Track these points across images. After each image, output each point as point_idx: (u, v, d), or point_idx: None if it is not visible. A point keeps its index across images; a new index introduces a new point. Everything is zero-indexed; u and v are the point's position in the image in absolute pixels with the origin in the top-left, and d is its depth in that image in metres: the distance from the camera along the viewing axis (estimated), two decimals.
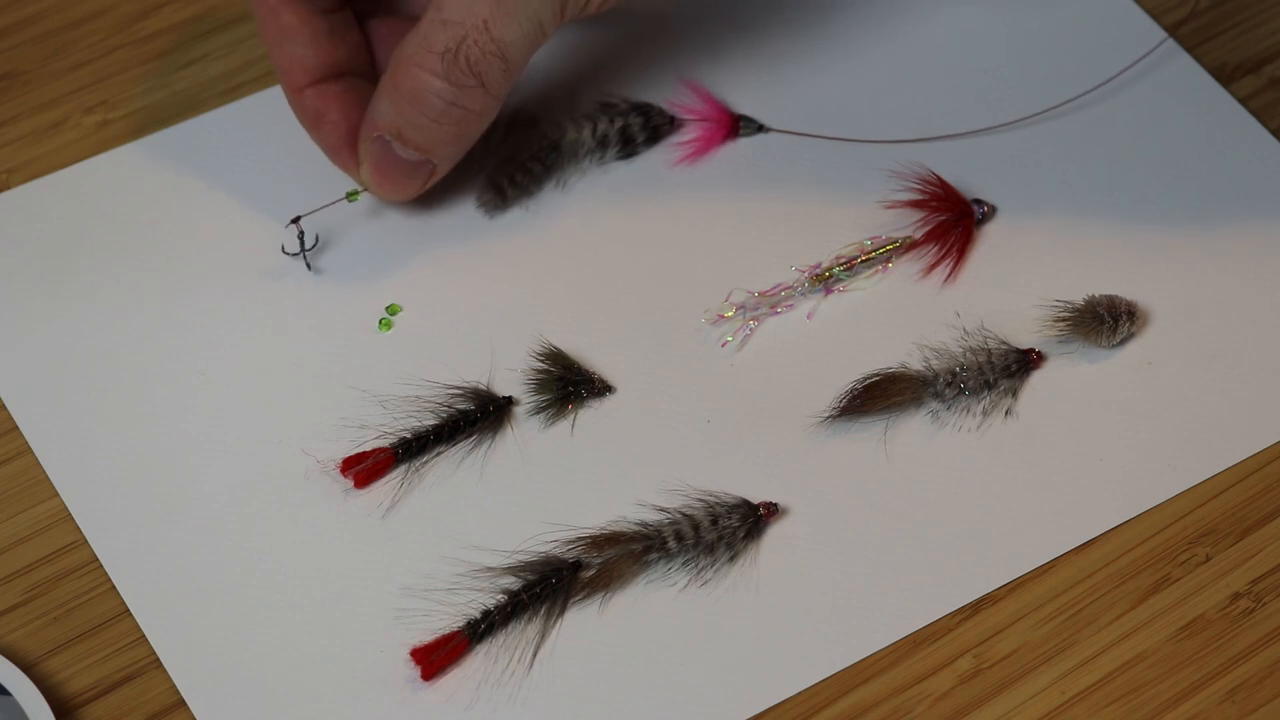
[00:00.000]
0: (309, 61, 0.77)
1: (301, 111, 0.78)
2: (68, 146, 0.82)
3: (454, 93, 0.75)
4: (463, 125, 0.76)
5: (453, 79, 0.75)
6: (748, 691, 0.70)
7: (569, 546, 0.72)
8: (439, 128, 0.76)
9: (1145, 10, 0.86)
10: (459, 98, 0.75)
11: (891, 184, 0.81)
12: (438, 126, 0.76)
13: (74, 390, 0.76)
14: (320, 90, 0.78)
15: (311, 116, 0.78)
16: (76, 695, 0.70)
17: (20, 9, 0.86)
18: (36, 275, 0.79)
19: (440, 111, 0.75)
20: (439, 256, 0.79)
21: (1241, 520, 0.74)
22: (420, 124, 0.76)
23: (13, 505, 0.74)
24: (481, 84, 0.75)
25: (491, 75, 0.75)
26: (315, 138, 0.79)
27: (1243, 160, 0.82)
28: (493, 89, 0.75)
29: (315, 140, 0.79)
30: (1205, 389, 0.76)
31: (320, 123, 0.78)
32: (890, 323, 0.78)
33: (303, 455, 0.74)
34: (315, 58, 0.77)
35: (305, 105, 0.78)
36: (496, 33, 0.74)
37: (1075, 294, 0.77)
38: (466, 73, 0.75)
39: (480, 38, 0.74)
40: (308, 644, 0.70)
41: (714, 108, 0.82)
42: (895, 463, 0.74)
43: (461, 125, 0.76)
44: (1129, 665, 0.71)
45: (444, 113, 0.75)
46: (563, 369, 0.76)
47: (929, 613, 0.71)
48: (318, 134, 0.79)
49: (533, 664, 0.70)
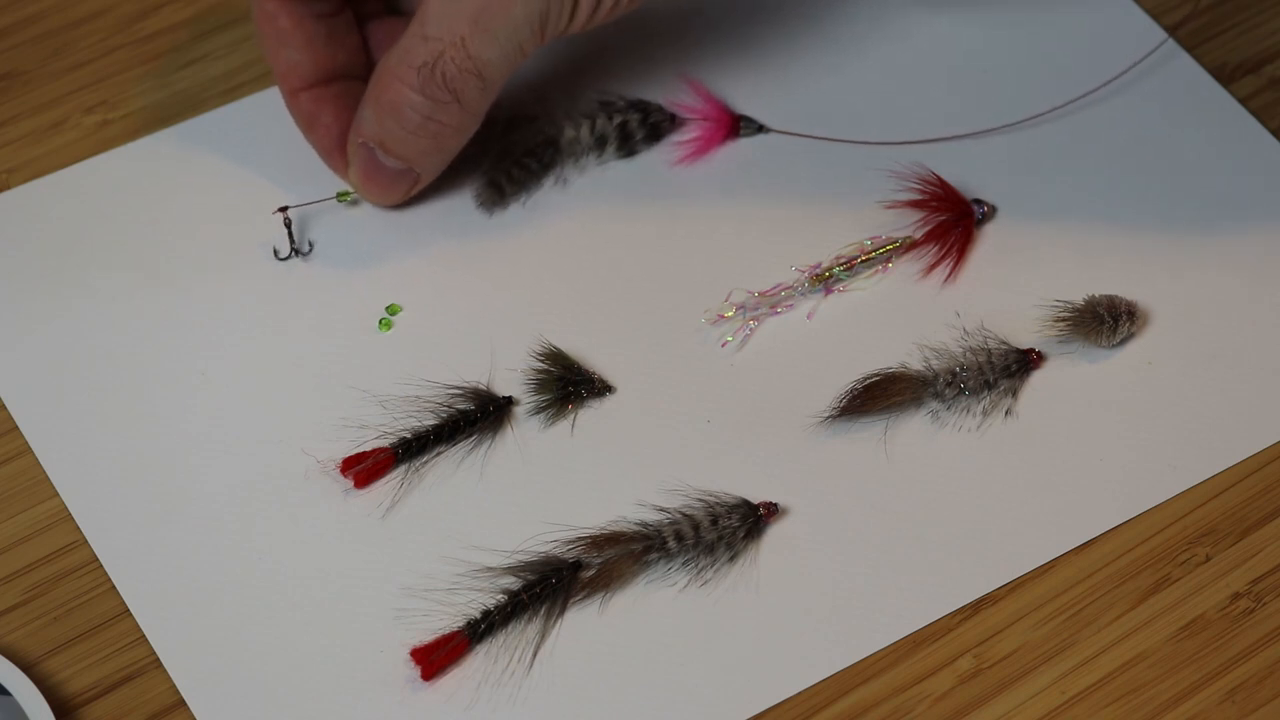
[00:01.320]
0: (304, 66, 0.78)
1: (296, 114, 0.79)
2: (68, 146, 0.82)
3: (430, 107, 0.76)
4: (439, 139, 0.77)
5: (429, 94, 0.75)
6: (748, 691, 0.70)
7: (569, 546, 0.72)
8: (417, 139, 0.77)
9: (1145, 10, 0.86)
10: (435, 112, 0.76)
11: (891, 184, 0.81)
12: (415, 139, 0.77)
13: (74, 390, 0.76)
14: (315, 94, 0.79)
15: (306, 119, 0.79)
16: (76, 695, 0.70)
17: (20, 9, 0.86)
18: (36, 275, 0.79)
19: (417, 125, 0.76)
20: (439, 257, 0.79)
21: (1241, 520, 0.74)
22: (399, 135, 0.77)
23: (13, 505, 0.74)
24: (457, 100, 0.75)
25: (468, 93, 0.75)
26: (309, 139, 0.80)
27: (1243, 160, 0.82)
28: (469, 106, 0.76)
29: (311, 141, 0.80)
30: (1205, 389, 0.76)
31: (314, 126, 0.79)
32: (890, 323, 0.78)
33: (303, 455, 0.74)
34: (311, 63, 0.78)
35: (300, 108, 0.79)
36: (474, 50, 0.74)
37: (1075, 294, 0.77)
38: (443, 89, 0.75)
39: (458, 55, 0.74)
40: (308, 644, 0.70)
41: (714, 107, 0.82)
42: (895, 463, 0.74)
43: (438, 139, 0.77)
44: (1129, 665, 0.71)
45: (420, 126, 0.76)
46: (563, 369, 0.76)
47: (929, 613, 0.71)
48: (311, 136, 0.79)
49: (533, 664, 0.70)
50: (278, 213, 0.79)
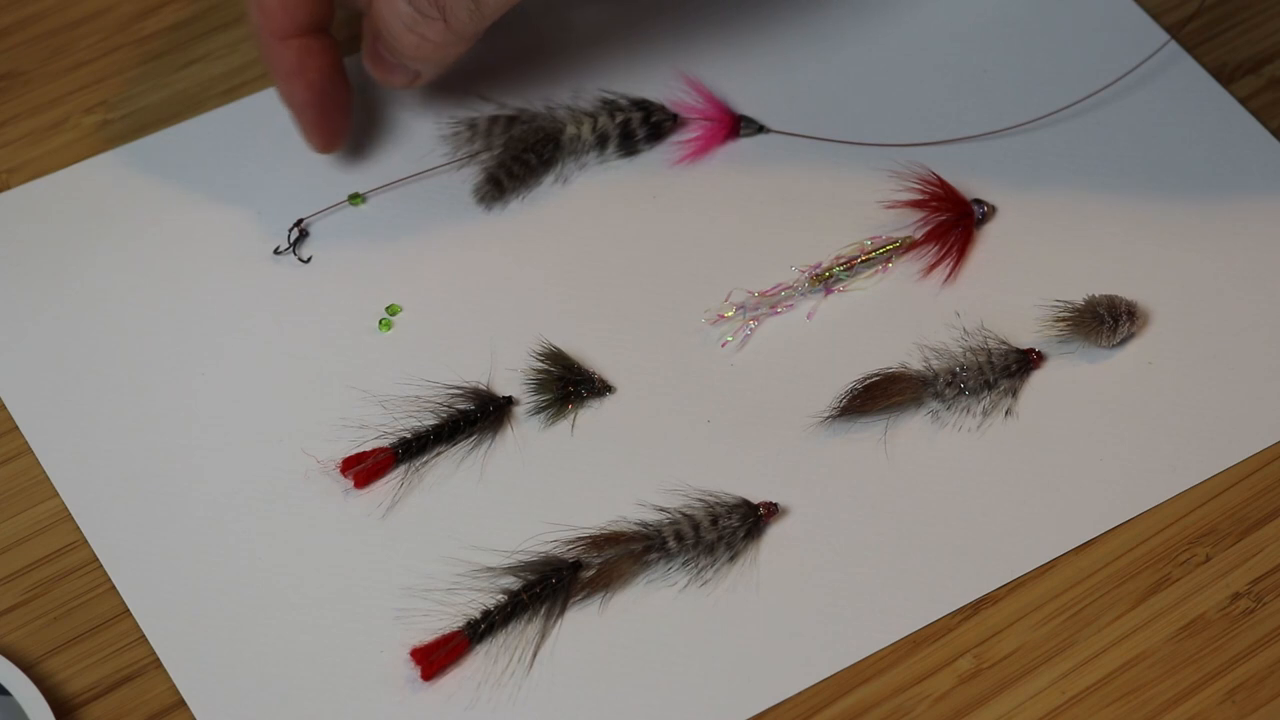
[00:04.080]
0: (301, 9, 0.75)
1: (277, 61, 0.76)
2: (68, 146, 0.82)
3: (414, 18, 0.74)
4: (421, 49, 0.76)
5: (416, 4, 0.74)
6: (748, 691, 0.70)
7: (569, 546, 0.72)
8: (397, 45, 0.76)
9: (1146, 11, 0.86)
10: (417, 25, 0.75)
11: (891, 184, 0.81)
12: (396, 44, 0.76)
13: (74, 390, 0.76)
14: (303, 44, 0.76)
15: (288, 69, 0.76)
16: (76, 695, 0.70)
17: (20, 9, 0.86)
18: (37, 275, 0.79)
19: (398, 32, 0.75)
20: (440, 257, 0.79)
21: (1241, 520, 0.74)
22: (387, 34, 0.75)
23: (13, 505, 0.74)
24: (443, 19, 0.74)
25: (456, 12, 0.74)
26: (283, 89, 0.77)
27: (1243, 160, 0.82)
28: (455, 25, 0.74)
29: (283, 94, 0.77)
30: (1205, 389, 0.76)
31: (295, 77, 0.76)
32: (890, 323, 0.78)
33: (303, 455, 0.74)
34: (305, 5, 0.75)
35: (284, 56, 0.76)
36: None
37: (1075, 294, 0.77)
38: (430, 4, 0.74)
39: None
40: (308, 644, 0.70)
41: (715, 107, 0.82)
42: (895, 463, 0.74)
43: (419, 49, 0.76)
44: (1129, 665, 0.71)
45: (401, 35, 0.75)
46: (563, 369, 0.76)
47: (929, 613, 0.71)
48: (289, 86, 0.77)
49: (533, 664, 0.70)
50: (293, 228, 0.79)
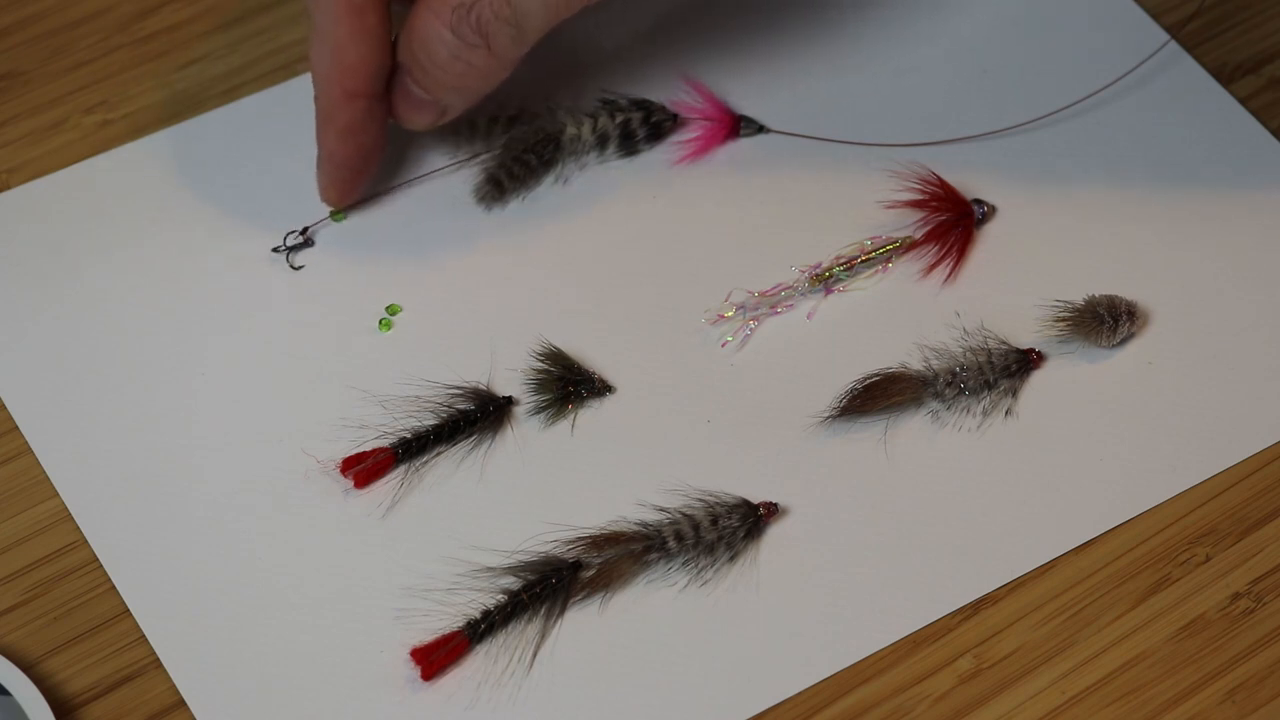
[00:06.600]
0: (373, 68, 0.75)
1: (338, 117, 0.76)
2: (68, 146, 0.82)
3: (458, 46, 0.74)
4: (463, 79, 0.75)
5: (459, 33, 0.74)
6: (748, 691, 0.70)
7: (569, 546, 0.72)
8: (441, 75, 0.75)
9: (1146, 11, 0.86)
10: (462, 53, 0.74)
11: (891, 184, 0.81)
12: (440, 74, 0.75)
13: (74, 390, 0.76)
14: (369, 105, 0.76)
15: (346, 127, 0.76)
16: (76, 695, 0.70)
17: (20, 9, 0.86)
18: (37, 275, 0.79)
19: (443, 61, 0.75)
20: (440, 257, 0.79)
21: (1241, 520, 0.74)
22: (424, 67, 0.75)
23: (13, 505, 0.74)
24: (487, 45, 0.74)
25: (499, 40, 0.74)
26: (332, 146, 0.77)
27: (1243, 160, 0.82)
28: (498, 52, 0.74)
29: (329, 149, 0.77)
30: (1205, 389, 0.76)
31: (349, 137, 0.76)
32: (890, 323, 0.78)
33: (303, 455, 0.74)
34: (381, 65, 0.75)
35: (347, 113, 0.76)
36: None
37: (1075, 294, 0.77)
38: (474, 31, 0.74)
39: (496, 1, 0.73)
40: (308, 644, 0.70)
41: (715, 107, 0.83)
42: (895, 463, 0.74)
43: (462, 79, 0.75)
44: (1129, 665, 0.71)
45: (446, 64, 0.75)
46: (563, 369, 0.76)
47: (929, 613, 0.71)
48: (340, 144, 0.76)
49: (533, 664, 0.70)
50: (297, 235, 0.79)
